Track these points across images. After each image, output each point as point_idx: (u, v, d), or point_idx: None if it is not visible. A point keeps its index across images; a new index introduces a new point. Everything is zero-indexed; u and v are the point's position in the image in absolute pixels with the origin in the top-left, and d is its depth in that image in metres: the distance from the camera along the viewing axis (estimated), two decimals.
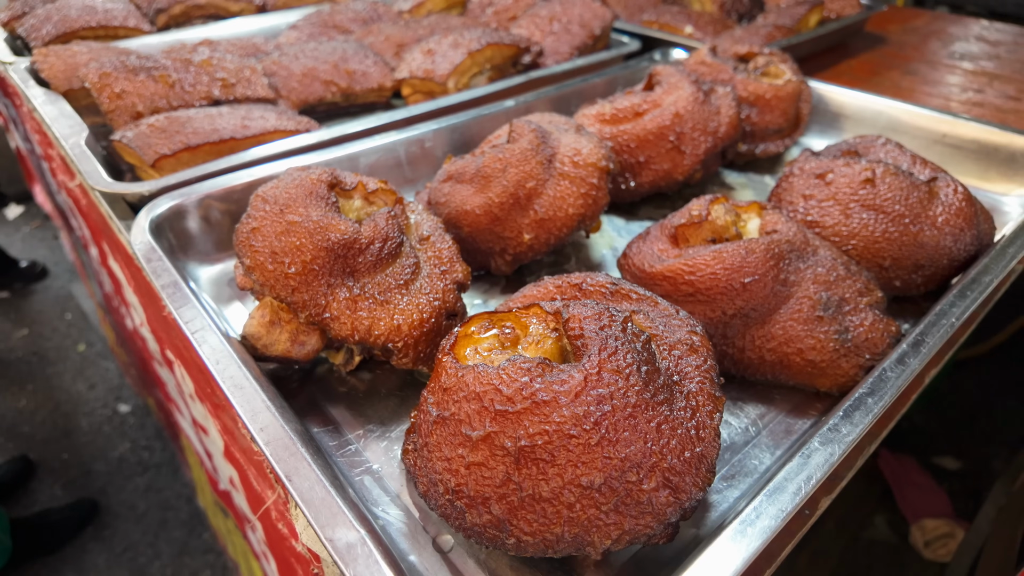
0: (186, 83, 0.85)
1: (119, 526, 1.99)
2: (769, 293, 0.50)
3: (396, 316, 0.49)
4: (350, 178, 0.57)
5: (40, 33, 1.09)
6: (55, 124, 0.81)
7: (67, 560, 1.90)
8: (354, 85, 0.97)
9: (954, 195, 0.59)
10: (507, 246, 0.63)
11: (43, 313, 2.82)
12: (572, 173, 0.61)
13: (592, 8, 1.09)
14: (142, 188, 0.66)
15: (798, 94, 0.84)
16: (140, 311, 0.85)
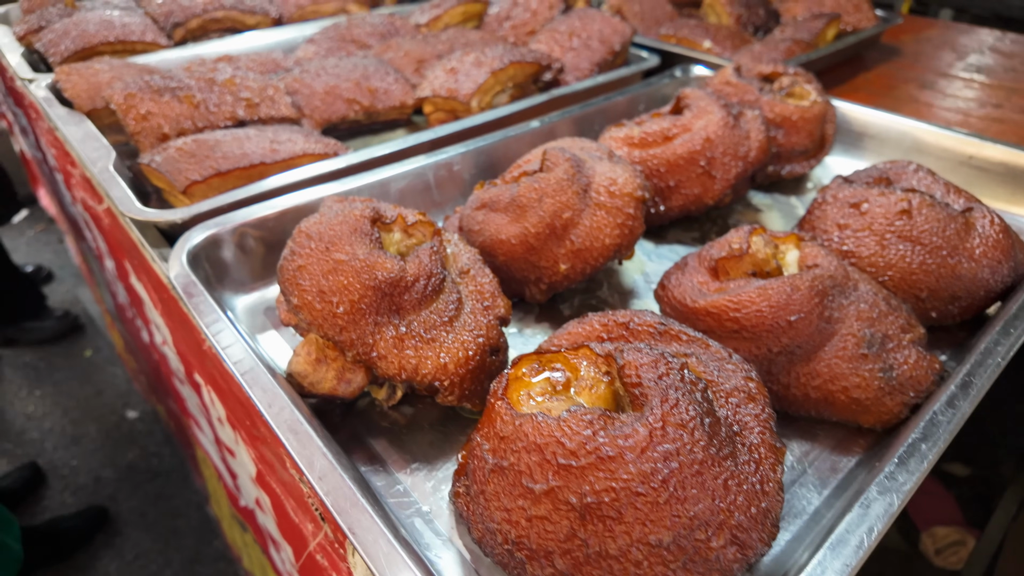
0: (211, 103, 0.85)
1: (130, 533, 1.99)
2: (814, 331, 0.50)
3: (442, 355, 0.49)
4: (390, 211, 0.57)
5: (59, 49, 1.08)
6: (81, 147, 0.80)
7: (79, 568, 1.90)
8: (376, 103, 0.97)
9: (991, 226, 0.59)
10: (542, 275, 0.63)
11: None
12: (608, 203, 0.61)
13: (612, 24, 1.08)
14: (175, 216, 0.66)
15: (824, 115, 0.84)
16: (165, 331, 0.85)
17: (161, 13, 1.18)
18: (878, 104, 1.13)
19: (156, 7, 1.19)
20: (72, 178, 1.06)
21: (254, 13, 1.21)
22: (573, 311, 0.66)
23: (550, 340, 0.50)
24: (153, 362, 1.38)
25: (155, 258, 0.66)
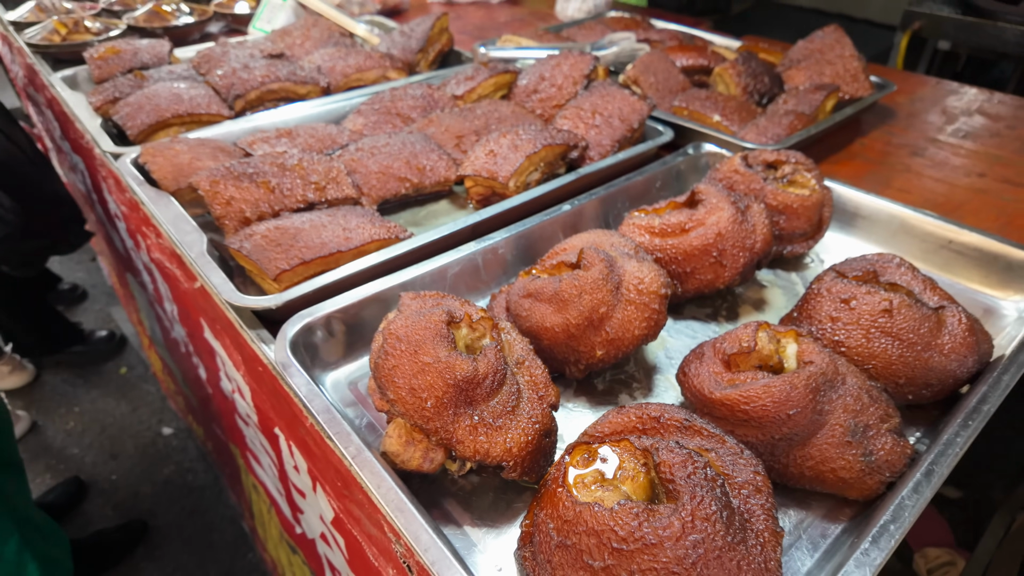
0: (284, 187, 0.97)
1: (168, 547, 2.11)
2: (808, 421, 0.62)
3: (508, 440, 0.61)
4: (458, 310, 0.69)
5: (135, 122, 1.21)
6: (174, 229, 0.93)
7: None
8: (424, 180, 1.09)
9: (959, 326, 0.71)
10: (580, 358, 0.75)
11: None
12: (637, 300, 0.73)
13: (631, 103, 1.20)
14: (270, 303, 0.78)
15: (822, 202, 0.96)
16: (242, 385, 0.97)
17: (223, 85, 1.30)
18: (873, 172, 1.25)
19: (218, 79, 1.32)
20: (148, 239, 1.19)
21: (305, 83, 1.34)
22: (605, 385, 0.78)
23: (595, 426, 0.62)
24: (206, 394, 1.50)
25: (253, 339, 0.79)
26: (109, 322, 2.99)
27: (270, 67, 1.33)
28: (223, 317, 0.88)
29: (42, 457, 2.37)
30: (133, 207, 1.21)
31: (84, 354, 2.76)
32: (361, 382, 0.77)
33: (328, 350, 0.78)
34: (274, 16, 1.83)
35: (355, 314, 0.79)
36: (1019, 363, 0.70)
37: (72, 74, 1.53)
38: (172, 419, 2.50)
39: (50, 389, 2.66)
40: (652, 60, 1.41)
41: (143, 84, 1.32)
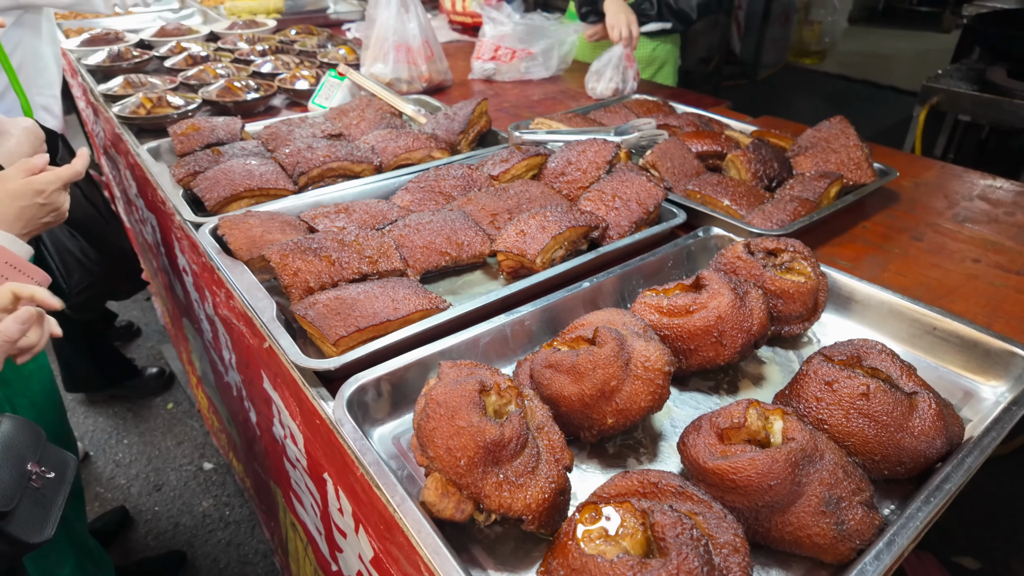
0: (343, 261, 1.12)
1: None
2: (788, 492, 0.72)
3: (528, 497, 0.72)
4: (488, 380, 0.81)
5: (212, 195, 1.39)
6: (249, 296, 1.08)
7: None
8: (462, 254, 1.24)
9: (928, 410, 0.80)
10: (593, 425, 0.86)
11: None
12: (644, 376, 0.85)
13: (647, 188, 1.34)
14: (330, 365, 0.92)
15: (817, 288, 1.07)
16: (296, 432, 1.11)
17: (289, 163, 1.49)
18: (873, 254, 1.36)
19: (284, 156, 1.50)
20: (217, 297, 1.35)
21: (361, 162, 1.52)
22: (615, 448, 0.89)
23: (603, 488, 0.73)
24: (253, 436, 1.64)
25: (313, 396, 0.92)
26: (159, 359, 3.18)
27: (330, 147, 1.51)
28: (286, 373, 1.02)
29: (92, 486, 2.53)
30: (205, 268, 1.38)
31: (135, 388, 2.95)
32: (403, 437, 0.90)
33: (376, 408, 0.91)
34: (332, 94, 2.04)
35: (401, 376, 0.92)
36: (983, 447, 0.79)
37: (156, 146, 1.74)
38: (213, 455, 2.64)
39: (103, 422, 2.84)
40: (669, 147, 1.55)
41: (219, 160, 1.52)
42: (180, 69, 2.35)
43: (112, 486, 2.54)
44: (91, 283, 1.77)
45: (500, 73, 2.49)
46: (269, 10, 3.31)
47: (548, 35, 2.48)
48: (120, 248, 2.49)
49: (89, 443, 2.73)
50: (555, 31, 2.50)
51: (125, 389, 2.93)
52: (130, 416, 2.88)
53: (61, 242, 1.76)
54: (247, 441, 1.85)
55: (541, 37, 2.47)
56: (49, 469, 1.14)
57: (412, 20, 2.26)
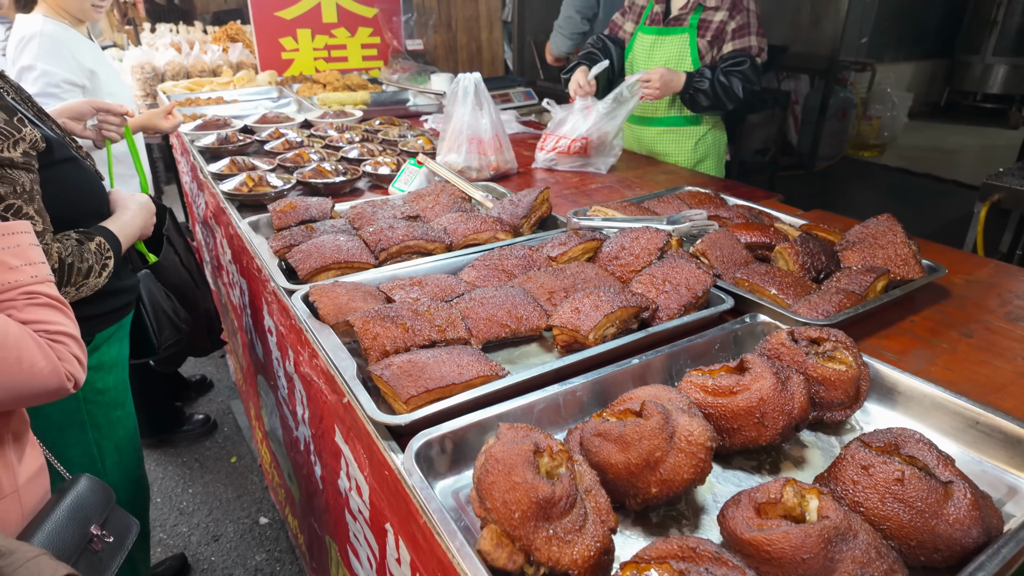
0: (416, 328, 1.26)
1: None
2: (820, 567, 0.76)
3: (575, 553, 0.79)
4: (543, 442, 0.90)
5: (305, 265, 1.58)
6: (334, 356, 1.22)
7: None
8: (520, 327, 1.36)
9: (964, 499, 0.84)
10: (638, 493, 0.93)
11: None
12: (687, 449, 0.92)
13: (696, 275, 1.44)
14: (402, 421, 1.03)
15: (857, 377, 1.12)
16: (362, 483, 1.21)
17: (372, 240, 1.67)
18: (920, 348, 1.39)
19: (368, 234, 1.69)
20: (300, 356, 1.51)
21: (434, 241, 1.69)
22: (659, 519, 0.95)
23: (644, 551, 0.79)
24: (315, 489, 1.75)
25: (385, 448, 1.03)
26: (227, 414, 3.38)
27: (409, 227, 1.70)
28: (360, 427, 1.14)
29: (156, 531, 2.67)
30: (292, 329, 1.55)
31: (187, 433, 3.18)
32: (462, 492, 0.99)
33: (439, 462, 1.01)
34: (410, 179, 2.27)
35: (462, 435, 1.02)
36: (1018, 539, 0.81)
37: (256, 220, 1.98)
38: (270, 510, 2.75)
39: (173, 470, 3.02)
40: (719, 237, 1.66)
41: (312, 235, 1.72)
42: (278, 152, 2.67)
43: (174, 533, 2.67)
44: (179, 339, 1.98)
45: (559, 163, 2.69)
46: (356, 101, 3.70)
47: (602, 123, 2.63)
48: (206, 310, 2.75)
49: (158, 490, 2.89)
50: (610, 118, 2.65)
51: (172, 434, 3.14)
52: (196, 466, 3.05)
53: (157, 302, 1.99)
54: (307, 495, 1.95)
55: (596, 122, 2.64)
56: (110, 533, 1.27)
57: (485, 116, 2.51)
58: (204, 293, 2.78)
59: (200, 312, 2.70)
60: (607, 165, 2.67)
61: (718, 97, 2.50)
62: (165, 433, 3.19)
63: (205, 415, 3.30)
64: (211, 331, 2.87)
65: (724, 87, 2.50)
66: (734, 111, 2.69)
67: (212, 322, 2.82)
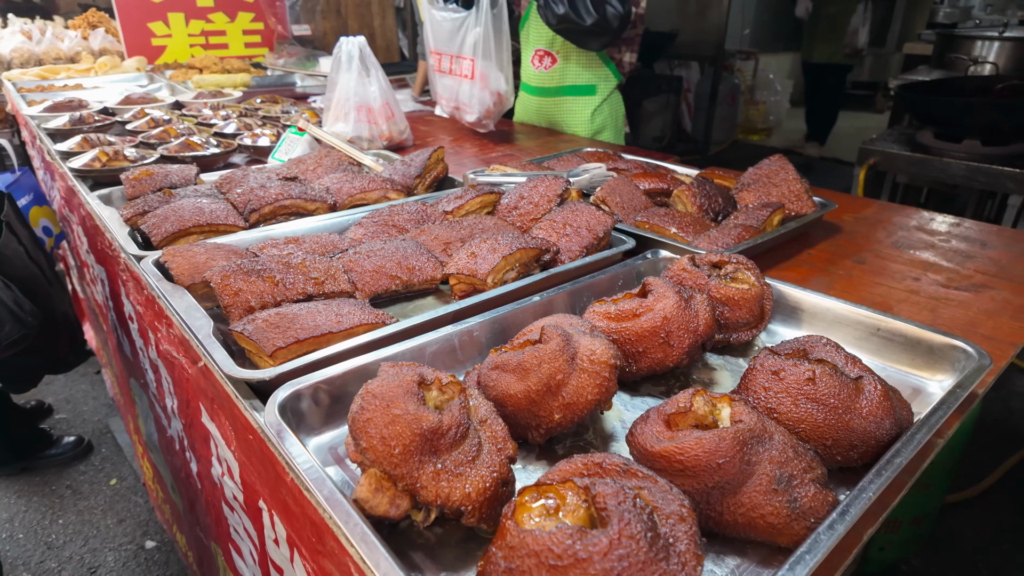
0: (287, 282, 1.10)
1: None
2: (737, 471, 0.69)
3: (467, 486, 0.68)
4: (430, 375, 0.78)
5: (160, 230, 1.37)
6: (186, 316, 1.04)
7: None
8: (413, 278, 1.23)
9: (875, 392, 0.80)
10: (541, 423, 0.83)
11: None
12: (589, 368, 0.83)
13: (597, 216, 1.37)
14: (265, 375, 0.88)
15: (760, 295, 1.08)
16: (232, 464, 1.04)
17: (240, 201, 1.48)
18: (818, 276, 1.39)
19: (236, 196, 1.50)
20: (159, 333, 1.30)
21: (314, 201, 1.52)
22: (565, 451, 0.85)
23: (546, 475, 0.69)
24: (195, 491, 1.53)
25: (246, 408, 0.87)
26: (105, 433, 3.01)
27: (284, 186, 1.52)
28: (221, 393, 0.97)
29: (19, 570, 2.30)
30: (148, 304, 1.34)
31: (56, 456, 2.80)
32: (340, 447, 0.85)
33: (313, 417, 0.86)
34: (292, 149, 2.08)
35: (340, 386, 0.88)
36: (931, 424, 0.78)
37: (107, 193, 1.73)
38: (157, 532, 2.45)
39: (38, 501, 2.63)
40: (618, 184, 1.61)
41: (170, 200, 1.51)
42: (142, 131, 2.38)
43: (41, 570, 2.32)
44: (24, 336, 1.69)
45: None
46: (236, 84, 3.42)
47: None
48: (64, 313, 2.42)
49: (19, 524, 2.51)
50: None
51: (39, 460, 2.77)
52: (68, 494, 2.67)
53: None
54: (189, 502, 1.72)
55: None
56: None
57: (373, 83, 2.36)
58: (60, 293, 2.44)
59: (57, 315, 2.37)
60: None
61: (575, 7, 2.33)
62: (27, 460, 2.78)
63: (78, 436, 2.91)
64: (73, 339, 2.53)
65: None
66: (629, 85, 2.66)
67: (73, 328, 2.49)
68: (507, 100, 2.54)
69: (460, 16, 2.47)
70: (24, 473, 2.76)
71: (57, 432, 2.98)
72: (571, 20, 2.37)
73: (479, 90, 2.48)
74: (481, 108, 2.50)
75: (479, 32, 2.40)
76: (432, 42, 2.62)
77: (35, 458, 2.80)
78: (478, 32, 2.41)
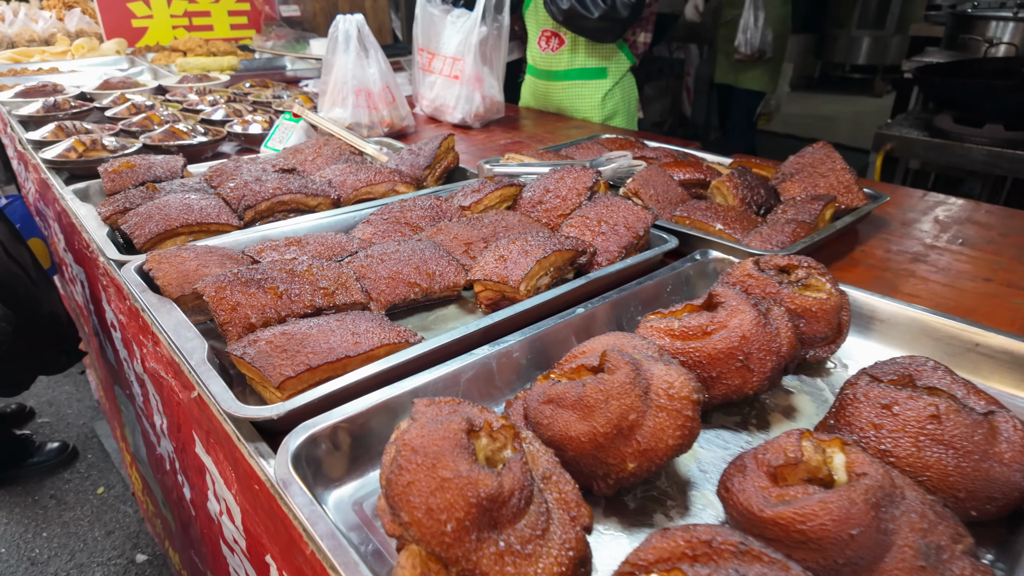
0: (292, 293, 0.95)
1: None
2: (873, 543, 0.55)
3: (539, 571, 0.54)
4: (477, 418, 0.64)
5: (143, 231, 1.21)
6: (176, 336, 0.89)
7: None
8: (433, 285, 1.08)
9: (1014, 431, 0.66)
10: (610, 472, 0.69)
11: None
12: (668, 406, 0.69)
13: (635, 212, 1.23)
14: (272, 413, 0.73)
15: (840, 306, 0.94)
16: (233, 507, 0.89)
17: (234, 197, 1.32)
18: (878, 278, 1.25)
19: (229, 191, 1.34)
20: (144, 348, 1.14)
21: (316, 195, 1.36)
22: (636, 503, 0.72)
23: (637, 554, 0.55)
24: (188, 517, 1.39)
25: (251, 453, 0.72)
26: (91, 437, 2.84)
27: (282, 180, 1.36)
28: (219, 429, 0.82)
29: None
30: (132, 315, 1.18)
31: (39, 465, 2.64)
32: (367, 502, 0.70)
33: (332, 465, 0.71)
34: (286, 136, 1.91)
35: (363, 424, 0.74)
36: None
37: (84, 187, 1.56)
38: (148, 544, 2.30)
39: (20, 513, 2.47)
40: (651, 174, 1.46)
41: (155, 196, 1.34)
42: (122, 118, 2.20)
43: None
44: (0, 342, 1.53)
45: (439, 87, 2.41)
46: (223, 67, 3.22)
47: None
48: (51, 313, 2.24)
49: (0, 539, 2.35)
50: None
51: (20, 469, 2.61)
52: (53, 504, 2.52)
53: None
54: (182, 525, 1.58)
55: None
56: None
57: (372, 65, 2.19)
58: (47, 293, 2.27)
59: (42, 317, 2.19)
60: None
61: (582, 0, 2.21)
62: (6, 469, 2.62)
63: (62, 442, 2.74)
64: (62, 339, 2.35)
65: None
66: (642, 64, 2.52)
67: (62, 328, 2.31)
68: (499, 108, 2.46)
69: (458, 14, 2.32)
70: (5, 483, 2.60)
71: (40, 437, 2.82)
72: (578, 14, 2.25)
73: (470, 91, 2.33)
74: (470, 110, 2.36)
75: (483, 32, 2.26)
76: (421, 38, 2.46)
77: (17, 467, 2.64)
78: (483, 32, 2.26)
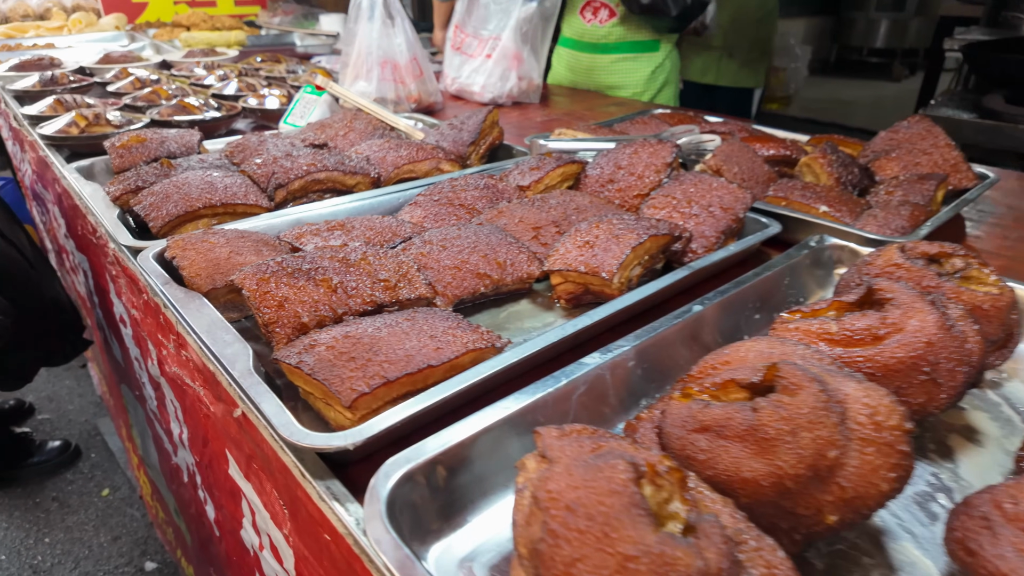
0: (348, 287, 0.78)
1: None
2: None
3: None
4: (638, 460, 0.47)
5: (160, 213, 1.04)
6: (212, 340, 0.72)
7: None
8: (505, 276, 0.91)
9: None
10: (798, 525, 0.52)
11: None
12: (876, 438, 0.52)
13: (732, 191, 1.06)
14: (346, 442, 0.56)
15: (1012, 304, 0.78)
16: (284, 549, 0.73)
17: (262, 175, 1.15)
18: (1009, 269, 1.09)
19: (255, 168, 1.17)
20: (164, 349, 0.98)
21: (355, 174, 1.19)
22: (823, 561, 0.55)
23: None
24: (209, 535, 1.23)
25: (323, 496, 0.56)
26: (95, 435, 2.69)
27: (315, 156, 1.19)
28: (270, 456, 0.65)
29: None
30: (149, 311, 1.01)
31: (39, 465, 2.49)
32: (479, 560, 0.54)
33: (429, 512, 0.55)
34: (307, 111, 1.73)
35: (464, 459, 0.57)
36: None
37: (88, 164, 1.38)
38: (157, 551, 2.15)
39: (20, 517, 2.32)
40: (733, 149, 1.29)
41: (171, 173, 1.17)
42: (126, 92, 2.02)
43: None
44: None
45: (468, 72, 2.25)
46: (230, 42, 3.03)
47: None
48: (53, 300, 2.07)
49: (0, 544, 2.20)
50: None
51: (21, 470, 2.45)
52: (55, 507, 2.36)
53: None
54: (200, 540, 1.42)
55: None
56: None
57: (399, 35, 2.00)
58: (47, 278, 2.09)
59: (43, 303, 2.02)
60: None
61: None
62: (6, 469, 2.46)
63: (63, 440, 2.58)
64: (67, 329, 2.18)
65: None
66: None
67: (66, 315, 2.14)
68: (536, 90, 2.28)
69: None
70: (4, 484, 2.45)
71: (40, 436, 2.66)
72: (657, 9, 2.18)
73: (504, 70, 2.16)
74: (502, 90, 2.18)
75: (529, 9, 2.09)
76: (458, 15, 2.28)
77: (16, 467, 2.49)
78: (531, 8, 2.09)
